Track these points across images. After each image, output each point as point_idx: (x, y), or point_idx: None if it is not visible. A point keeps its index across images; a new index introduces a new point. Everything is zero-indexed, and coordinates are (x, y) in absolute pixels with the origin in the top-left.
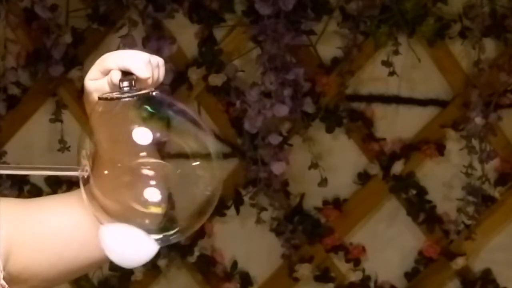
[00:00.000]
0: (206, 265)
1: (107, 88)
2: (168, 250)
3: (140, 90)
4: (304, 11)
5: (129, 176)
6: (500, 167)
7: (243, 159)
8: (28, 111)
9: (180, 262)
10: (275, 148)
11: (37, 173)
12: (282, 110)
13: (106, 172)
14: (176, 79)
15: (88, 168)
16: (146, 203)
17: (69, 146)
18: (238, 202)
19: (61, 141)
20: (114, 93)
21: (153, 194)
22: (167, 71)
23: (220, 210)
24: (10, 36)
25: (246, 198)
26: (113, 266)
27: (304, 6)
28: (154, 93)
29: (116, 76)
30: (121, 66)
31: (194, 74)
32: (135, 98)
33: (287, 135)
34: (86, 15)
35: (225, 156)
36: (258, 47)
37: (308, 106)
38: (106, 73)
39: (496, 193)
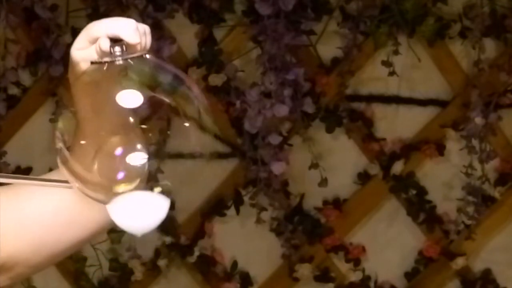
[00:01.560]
0: (206, 265)
1: (95, 57)
2: (168, 250)
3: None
4: (304, 11)
5: (114, 145)
6: (500, 167)
7: (243, 159)
8: (28, 111)
9: (180, 262)
10: (275, 148)
11: (29, 183)
12: (282, 110)
13: (87, 142)
14: None
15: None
16: (130, 171)
17: (69, 146)
18: (238, 202)
19: None
20: (106, 58)
21: (137, 160)
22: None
23: (220, 210)
24: (10, 36)
25: (246, 198)
26: (113, 266)
27: (304, 6)
28: (147, 56)
29: (105, 43)
30: (110, 33)
31: (194, 74)
32: (129, 60)
33: (287, 135)
34: (86, 15)
35: (225, 156)
36: (258, 47)
37: (308, 106)
38: (94, 41)
39: (496, 193)
